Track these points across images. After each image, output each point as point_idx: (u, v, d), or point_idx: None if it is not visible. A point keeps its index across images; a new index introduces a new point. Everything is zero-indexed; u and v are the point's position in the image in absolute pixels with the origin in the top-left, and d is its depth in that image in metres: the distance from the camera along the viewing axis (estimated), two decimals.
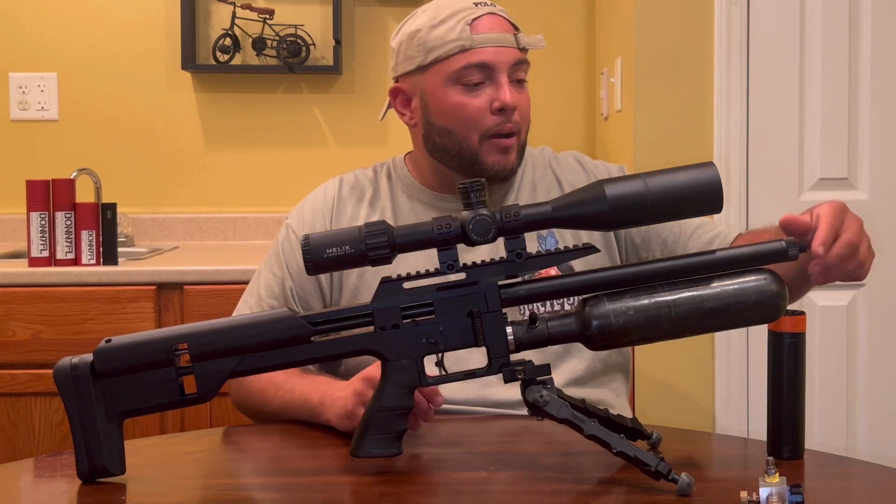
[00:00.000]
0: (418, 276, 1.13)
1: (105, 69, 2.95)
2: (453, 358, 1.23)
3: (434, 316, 1.12)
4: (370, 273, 1.47)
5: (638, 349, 2.22)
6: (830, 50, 2.35)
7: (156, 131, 2.97)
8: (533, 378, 1.11)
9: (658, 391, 2.37)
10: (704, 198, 1.08)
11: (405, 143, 1.62)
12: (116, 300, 2.27)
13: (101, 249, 2.36)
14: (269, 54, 2.93)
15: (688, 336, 1.11)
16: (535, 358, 1.14)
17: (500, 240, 1.11)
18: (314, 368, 1.48)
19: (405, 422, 1.14)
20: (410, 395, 1.13)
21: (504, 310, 1.12)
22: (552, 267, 1.28)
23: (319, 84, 2.99)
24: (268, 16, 2.92)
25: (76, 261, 2.34)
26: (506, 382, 1.12)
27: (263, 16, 2.92)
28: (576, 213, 1.09)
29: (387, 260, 1.10)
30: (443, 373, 1.14)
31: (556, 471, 1.16)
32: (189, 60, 2.89)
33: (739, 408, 2.36)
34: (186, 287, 2.29)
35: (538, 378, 1.11)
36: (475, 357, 1.28)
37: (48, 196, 2.35)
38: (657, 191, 1.07)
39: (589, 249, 1.11)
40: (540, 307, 1.47)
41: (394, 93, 1.56)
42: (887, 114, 2.37)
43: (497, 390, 1.45)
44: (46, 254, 2.34)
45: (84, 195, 2.52)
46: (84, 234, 2.34)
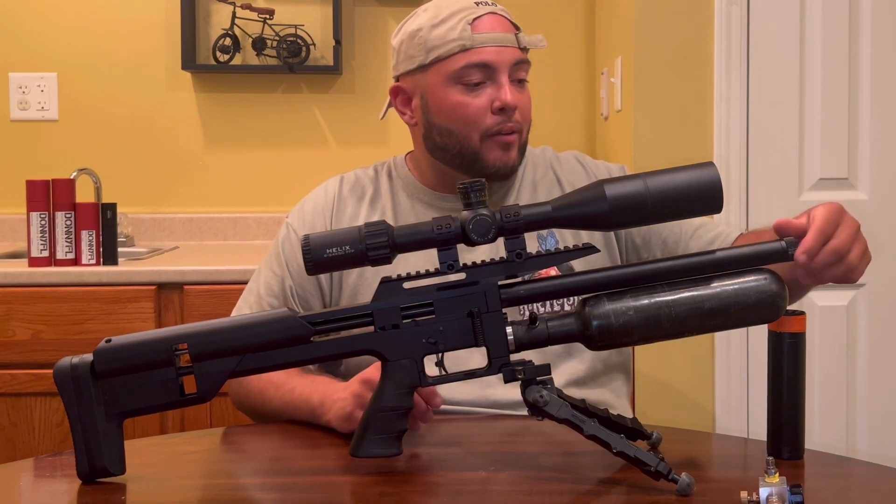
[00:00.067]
0: (418, 276, 1.13)
1: (105, 69, 2.95)
2: (453, 358, 1.22)
3: (434, 316, 1.12)
4: (370, 273, 1.47)
5: (638, 349, 2.22)
6: (830, 50, 2.35)
7: (156, 131, 2.97)
8: (533, 378, 1.11)
9: (658, 391, 2.37)
10: (704, 198, 1.08)
11: (405, 143, 1.62)
12: (116, 300, 2.27)
13: (101, 249, 2.36)
14: (269, 54, 2.93)
15: (688, 336, 1.11)
16: (535, 358, 1.14)
17: (500, 240, 1.11)
18: (314, 368, 1.48)
19: (405, 422, 1.14)
20: (410, 395, 1.13)
21: (504, 310, 1.12)
22: (552, 267, 1.28)
23: (319, 84, 2.99)
24: (268, 16, 2.92)
25: (76, 261, 2.34)
26: (506, 382, 1.12)
27: (263, 16, 2.92)
28: (576, 213, 1.09)
29: (387, 260, 1.10)
30: (443, 373, 1.14)
31: (557, 471, 1.16)
32: (189, 60, 2.89)
33: (739, 408, 2.36)
34: (186, 287, 2.29)
35: (538, 378, 1.11)
36: (475, 357, 1.28)
37: (48, 196, 2.35)
38: (657, 191, 1.07)
39: (589, 249, 1.11)
40: (540, 307, 1.47)
41: (394, 92, 1.56)
42: (887, 114, 2.37)
43: (497, 390, 1.45)
44: (46, 254, 2.34)
45: (84, 195, 2.52)
46: (84, 234, 2.34)
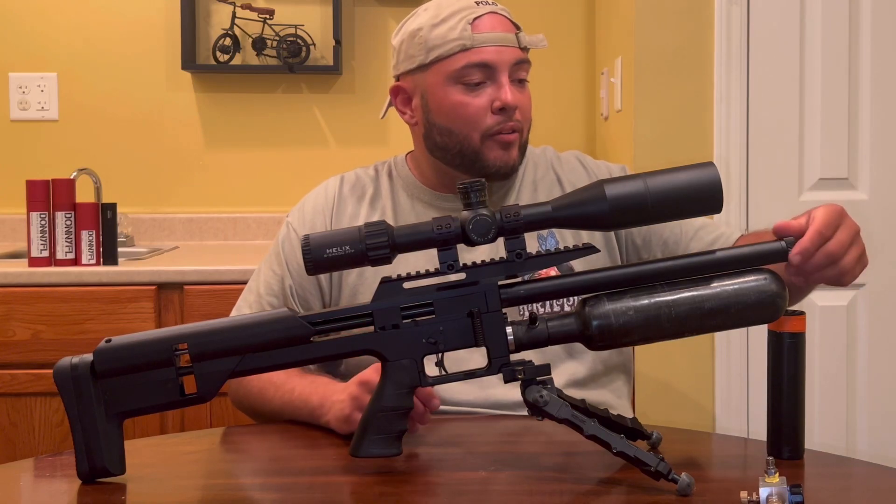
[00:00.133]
0: (418, 276, 1.13)
1: (105, 69, 2.95)
2: (453, 358, 1.22)
3: (434, 316, 1.12)
4: (370, 273, 1.47)
5: (638, 349, 2.22)
6: (830, 50, 2.35)
7: (156, 131, 2.97)
8: (533, 378, 1.11)
9: (658, 391, 2.37)
10: (704, 198, 1.08)
11: (405, 143, 1.62)
12: (116, 300, 2.27)
13: (101, 249, 2.36)
14: (269, 54, 2.93)
15: (688, 336, 1.11)
16: (535, 358, 1.14)
17: (500, 240, 1.11)
18: (314, 368, 1.48)
19: (405, 422, 1.14)
20: (410, 395, 1.13)
21: (504, 310, 1.12)
22: (552, 267, 1.28)
23: (319, 84, 2.99)
24: (268, 16, 2.92)
25: (76, 261, 2.34)
26: (506, 382, 1.12)
27: (263, 16, 2.92)
28: (576, 213, 1.09)
29: (387, 260, 1.10)
30: (443, 373, 1.14)
31: (557, 471, 1.16)
32: (189, 60, 2.89)
33: (739, 408, 2.36)
34: (186, 287, 2.29)
35: (538, 378, 1.11)
36: (475, 357, 1.28)
37: (48, 196, 2.35)
38: (657, 191, 1.07)
39: (589, 249, 1.11)
40: (540, 307, 1.47)
41: (394, 91, 1.56)
42: (887, 114, 2.37)
43: (497, 391, 1.45)
44: (46, 254, 2.34)
45: (84, 195, 2.52)
46: (84, 234, 2.34)
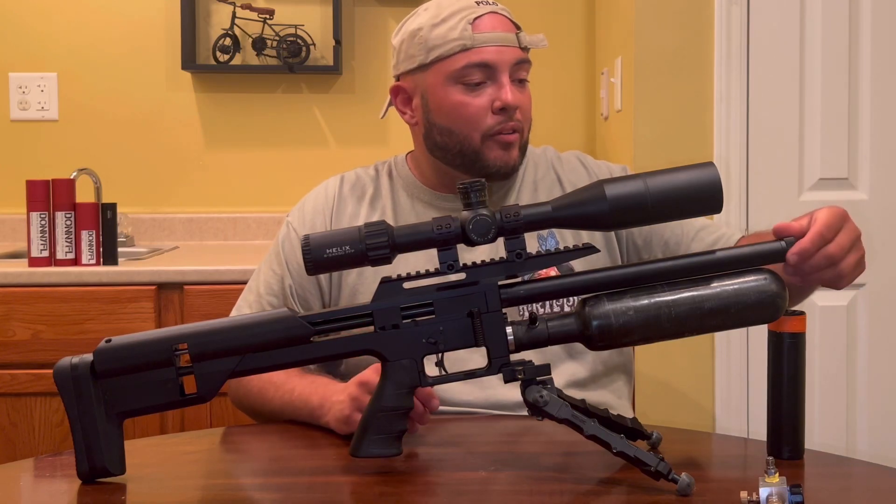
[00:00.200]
0: (418, 276, 1.13)
1: (105, 69, 2.95)
2: (453, 358, 1.22)
3: (434, 316, 1.12)
4: (370, 273, 1.47)
5: (638, 349, 2.22)
6: (830, 50, 2.35)
7: (156, 131, 2.97)
8: (533, 378, 1.11)
9: (658, 391, 2.37)
10: (704, 198, 1.08)
11: (405, 143, 1.62)
12: (116, 300, 2.27)
13: (101, 249, 2.36)
14: (269, 54, 2.93)
15: (688, 336, 1.11)
16: (535, 359, 1.14)
17: (500, 240, 1.11)
18: (315, 368, 1.48)
19: (405, 422, 1.14)
20: (410, 396, 1.13)
21: (504, 310, 1.12)
22: (552, 267, 1.28)
23: (319, 84, 2.99)
24: (268, 16, 2.92)
25: (76, 261, 2.34)
26: (506, 382, 1.12)
27: (263, 16, 2.92)
28: (576, 213, 1.09)
29: (387, 260, 1.10)
30: (443, 373, 1.14)
31: (557, 471, 1.16)
32: (189, 60, 2.89)
33: (739, 408, 2.36)
34: (186, 287, 2.29)
35: (538, 378, 1.11)
36: (475, 357, 1.28)
37: (48, 196, 2.35)
38: (657, 191, 1.07)
39: (589, 249, 1.11)
40: (540, 307, 1.47)
41: (395, 91, 1.56)
42: (887, 114, 2.37)
43: (497, 391, 1.45)
44: (46, 254, 2.34)
45: (84, 195, 2.51)
46: (84, 234, 2.34)
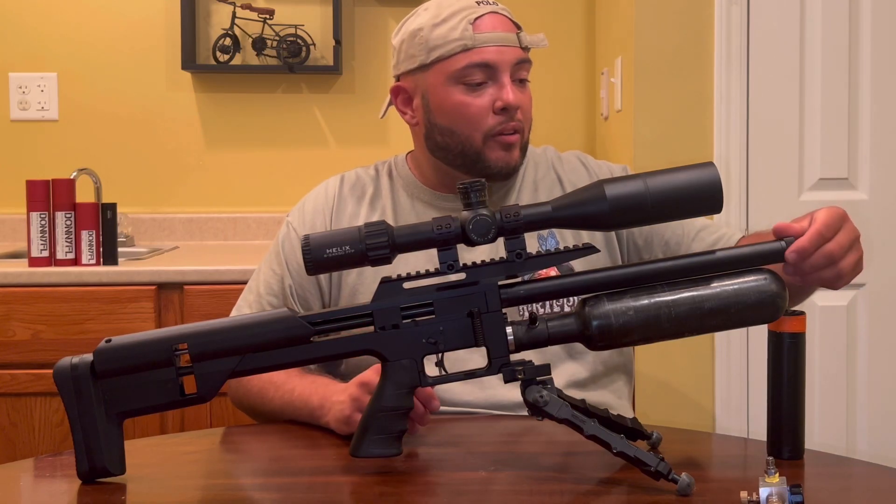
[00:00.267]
0: (418, 276, 1.13)
1: (105, 69, 2.95)
2: (453, 358, 1.22)
3: (434, 316, 1.12)
4: (370, 273, 1.47)
5: (638, 349, 2.22)
6: (830, 50, 2.35)
7: (156, 131, 2.97)
8: (533, 378, 1.11)
9: (658, 391, 2.37)
10: (704, 198, 1.08)
11: (406, 143, 1.62)
12: (116, 300, 2.27)
13: (101, 249, 2.36)
14: (269, 54, 2.93)
15: (688, 336, 1.11)
16: (536, 359, 1.14)
17: (501, 240, 1.11)
18: (315, 368, 1.48)
19: (405, 422, 1.14)
20: (410, 396, 1.13)
21: (504, 310, 1.12)
22: (552, 267, 1.28)
23: (319, 84, 2.99)
24: (268, 16, 2.92)
25: (76, 261, 2.34)
26: (506, 382, 1.12)
27: (263, 16, 2.92)
28: (576, 213, 1.09)
29: (387, 260, 1.10)
30: (443, 373, 1.14)
31: (557, 471, 1.16)
32: (189, 60, 2.89)
33: (739, 408, 2.36)
34: (186, 287, 2.29)
35: (538, 378, 1.11)
36: (475, 357, 1.28)
37: (48, 196, 2.35)
38: (657, 191, 1.07)
39: (589, 249, 1.11)
40: (540, 307, 1.47)
41: (395, 91, 1.55)
42: (887, 114, 2.37)
43: (497, 391, 1.45)
44: (46, 254, 2.34)
45: (84, 195, 2.52)
46: (84, 234, 2.34)
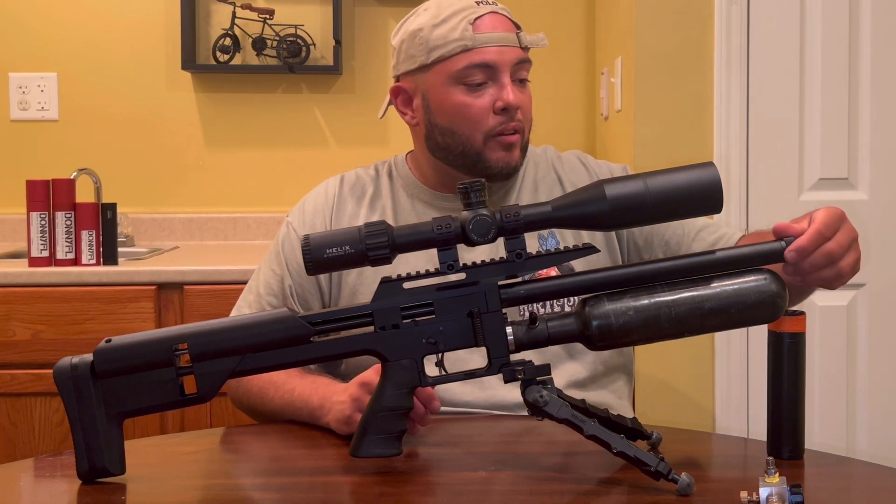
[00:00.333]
0: (418, 276, 1.13)
1: (105, 69, 2.95)
2: (453, 358, 1.22)
3: (434, 316, 1.12)
4: (370, 273, 1.47)
5: (638, 349, 2.22)
6: (830, 50, 2.35)
7: (156, 131, 2.97)
8: (533, 378, 1.11)
9: (658, 391, 2.37)
10: (704, 198, 1.08)
11: (406, 143, 1.62)
12: (116, 300, 2.27)
13: (101, 249, 2.36)
14: (269, 54, 2.93)
15: (688, 336, 1.11)
16: (535, 359, 1.14)
17: (501, 240, 1.11)
18: (315, 368, 1.48)
19: (405, 422, 1.14)
20: (410, 396, 1.13)
21: (504, 310, 1.12)
22: (552, 267, 1.28)
23: (319, 84, 2.99)
24: (268, 16, 2.92)
25: (76, 261, 2.34)
26: (506, 382, 1.12)
27: (263, 16, 2.92)
28: (576, 213, 1.09)
29: (387, 260, 1.10)
30: (443, 373, 1.14)
31: (557, 471, 1.16)
32: (189, 60, 2.89)
33: (739, 408, 2.36)
34: (186, 287, 2.29)
35: (538, 378, 1.11)
36: (475, 357, 1.28)
37: (48, 196, 2.35)
38: (657, 191, 1.07)
39: (589, 249, 1.11)
40: (540, 307, 1.47)
41: (395, 92, 1.55)
42: (887, 114, 2.37)
43: (497, 391, 1.45)
44: (46, 254, 2.34)
45: (84, 195, 2.52)
46: (84, 234, 2.34)
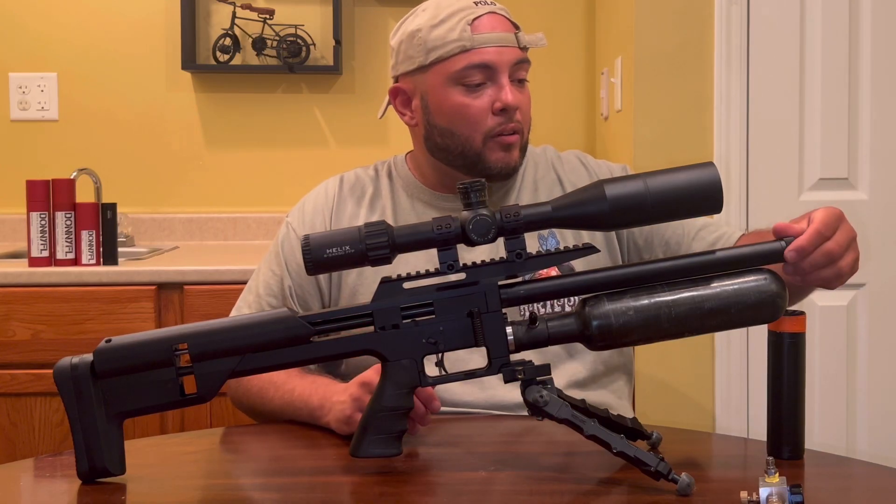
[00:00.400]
0: (418, 276, 1.13)
1: (105, 69, 2.95)
2: (453, 358, 1.22)
3: (434, 316, 1.12)
4: (370, 273, 1.47)
5: (638, 349, 2.22)
6: (830, 50, 2.35)
7: (156, 131, 2.97)
8: (533, 378, 1.11)
9: (658, 391, 2.37)
10: (704, 198, 1.08)
11: (405, 143, 1.62)
12: (116, 300, 2.27)
13: (101, 249, 2.36)
14: (269, 54, 2.93)
15: (688, 336, 1.11)
16: (535, 359, 1.14)
17: (501, 240, 1.11)
18: (315, 368, 1.48)
19: (405, 422, 1.14)
20: (410, 396, 1.13)
21: (504, 310, 1.12)
22: (552, 267, 1.28)
23: (319, 84, 2.99)
24: (268, 16, 2.92)
25: (76, 261, 2.34)
26: (506, 382, 1.12)
27: (263, 16, 2.92)
28: (576, 213, 1.09)
29: (387, 260, 1.10)
30: (443, 373, 1.14)
31: (557, 471, 1.16)
32: (189, 60, 2.89)
33: (739, 408, 2.36)
34: (186, 287, 2.29)
35: (538, 378, 1.11)
36: (475, 357, 1.28)
37: (48, 196, 2.35)
38: (657, 191, 1.07)
39: (589, 249, 1.11)
40: (540, 307, 1.47)
41: (394, 92, 1.55)
42: (887, 114, 2.37)
43: (497, 391, 1.45)
44: (46, 254, 2.34)
45: (84, 195, 2.52)
46: (84, 234, 2.34)
